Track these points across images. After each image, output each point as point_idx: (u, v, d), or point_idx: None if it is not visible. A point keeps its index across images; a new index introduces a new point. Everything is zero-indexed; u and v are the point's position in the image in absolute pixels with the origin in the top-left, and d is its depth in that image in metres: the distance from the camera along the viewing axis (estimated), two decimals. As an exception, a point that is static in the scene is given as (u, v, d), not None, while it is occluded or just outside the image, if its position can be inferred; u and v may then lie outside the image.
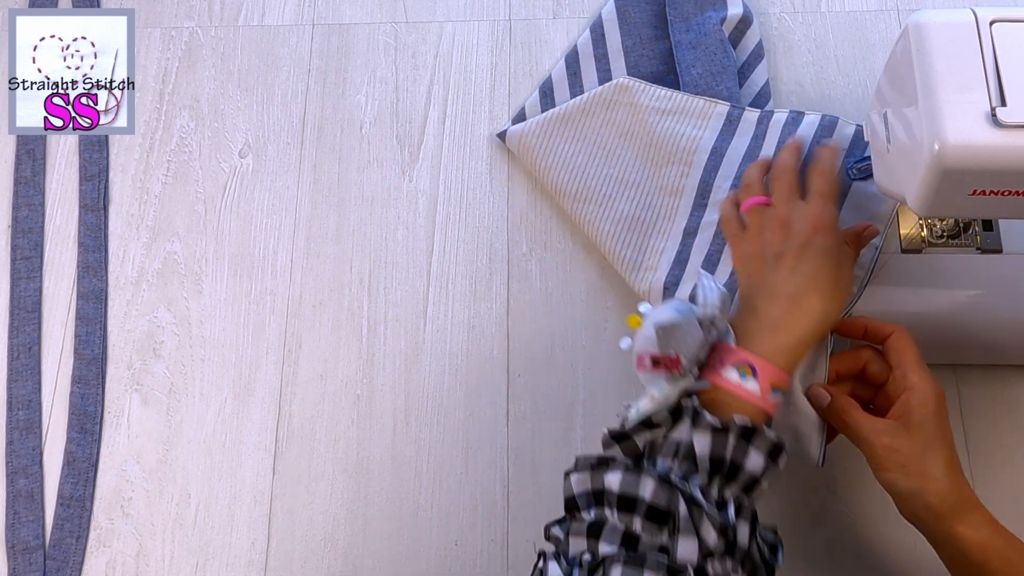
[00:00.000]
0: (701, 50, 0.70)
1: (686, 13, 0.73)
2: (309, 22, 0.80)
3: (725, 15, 0.72)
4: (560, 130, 0.71)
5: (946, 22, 0.46)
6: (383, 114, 0.76)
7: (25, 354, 0.70)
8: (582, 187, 0.69)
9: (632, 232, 0.67)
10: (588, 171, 0.69)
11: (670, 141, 0.67)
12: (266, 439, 0.67)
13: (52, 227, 0.74)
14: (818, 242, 0.52)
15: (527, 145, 0.71)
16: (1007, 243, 0.61)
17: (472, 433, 0.66)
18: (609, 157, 0.69)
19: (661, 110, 0.68)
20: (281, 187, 0.74)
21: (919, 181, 0.46)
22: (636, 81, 0.69)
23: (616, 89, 0.70)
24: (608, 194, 0.68)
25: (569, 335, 0.68)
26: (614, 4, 0.75)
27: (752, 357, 0.50)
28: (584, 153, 0.70)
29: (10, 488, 0.66)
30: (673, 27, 0.72)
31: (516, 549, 0.63)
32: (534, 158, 0.71)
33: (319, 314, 0.70)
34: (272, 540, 0.64)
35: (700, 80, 0.69)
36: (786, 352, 0.50)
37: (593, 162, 0.69)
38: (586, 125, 0.70)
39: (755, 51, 0.73)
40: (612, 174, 0.69)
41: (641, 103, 0.68)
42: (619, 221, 0.67)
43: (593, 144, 0.70)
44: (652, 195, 0.67)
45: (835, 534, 0.61)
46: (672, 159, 0.67)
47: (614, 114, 0.70)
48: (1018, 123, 0.44)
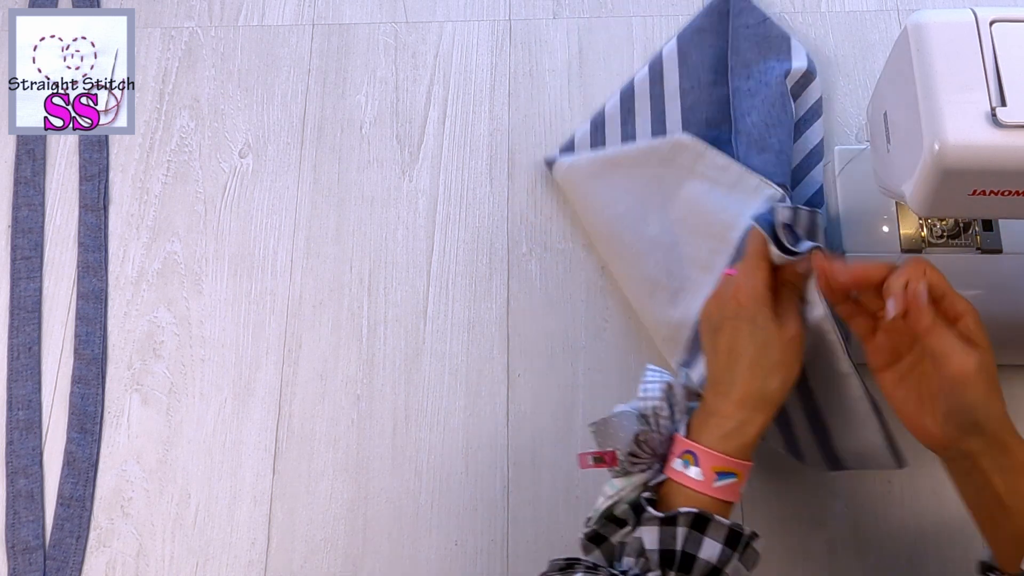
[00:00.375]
0: (759, 99, 0.68)
1: (748, 60, 0.71)
2: (309, 22, 0.80)
3: (789, 68, 0.70)
4: (607, 173, 0.69)
5: (946, 22, 0.46)
6: (383, 114, 0.76)
7: (25, 354, 0.70)
8: (614, 238, 0.67)
9: (653, 298, 0.65)
10: (624, 223, 0.67)
11: (712, 212, 0.64)
12: (266, 439, 0.67)
13: (52, 227, 0.74)
14: (742, 315, 0.51)
15: (572, 181, 0.70)
16: (1007, 243, 0.61)
17: (472, 433, 0.66)
18: (648, 214, 0.67)
19: (713, 180, 0.65)
20: (281, 187, 0.74)
21: (919, 181, 0.46)
22: (696, 141, 0.66)
23: (673, 147, 0.67)
24: (639, 251, 0.66)
25: (569, 335, 0.68)
26: (676, 44, 0.74)
27: (693, 445, 0.49)
28: (624, 204, 0.67)
29: (10, 488, 0.66)
30: (733, 73, 0.71)
31: (516, 549, 0.63)
32: (576, 195, 0.70)
33: (319, 314, 0.70)
34: (272, 540, 0.64)
35: (753, 129, 0.67)
36: (729, 437, 0.49)
37: (631, 215, 0.67)
38: (634, 175, 0.68)
39: (814, 107, 0.72)
40: (647, 232, 0.66)
41: (696, 168, 0.66)
42: (643, 281, 0.65)
43: (636, 197, 0.67)
44: (682, 264, 0.64)
45: (835, 534, 0.61)
46: (710, 232, 0.63)
47: (665, 171, 0.67)
48: (1018, 123, 0.44)
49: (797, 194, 0.69)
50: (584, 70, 0.77)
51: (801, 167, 0.70)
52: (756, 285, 0.52)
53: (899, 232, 0.62)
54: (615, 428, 0.50)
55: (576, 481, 0.64)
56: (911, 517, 0.62)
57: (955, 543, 0.61)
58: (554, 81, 0.76)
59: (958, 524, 0.61)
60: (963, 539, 0.61)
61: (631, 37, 0.77)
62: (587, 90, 0.76)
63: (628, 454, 0.49)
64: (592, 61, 0.77)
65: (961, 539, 0.61)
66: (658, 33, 0.77)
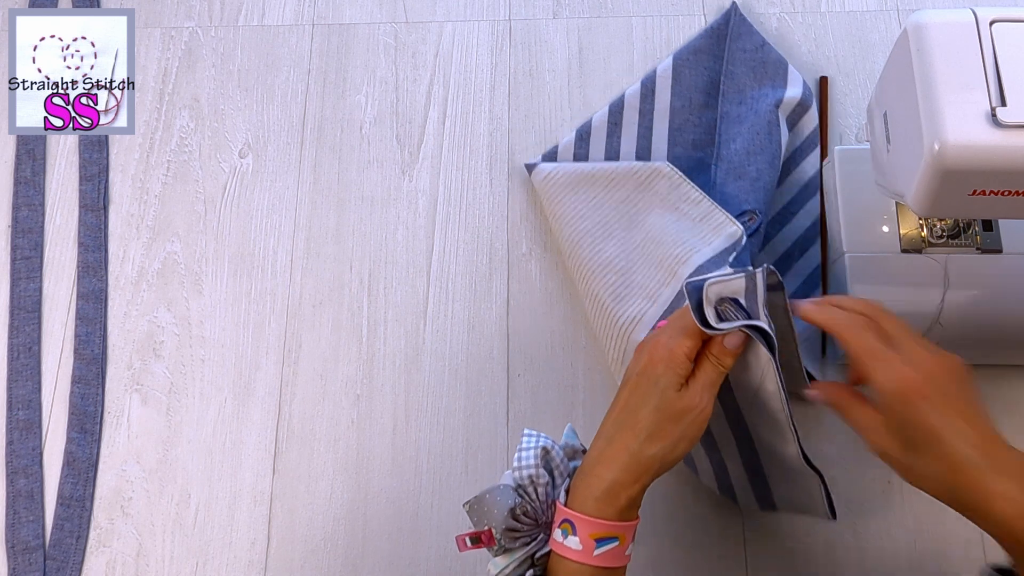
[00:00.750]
0: (746, 126, 0.68)
1: (742, 85, 0.71)
2: (309, 22, 0.80)
3: (783, 96, 0.69)
4: (582, 187, 0.69)
5: (946, 22, 0.46)
6: (383, 114, 0.76)
7: (25, 354, 0.70)
8: (574, 252, 0.67)
9: (599, 318, 0.65)
10: (586, 239, 0.67)
11: (669, 244, 0.63)
12: (266, 439, 0.67)
13: (52, 227, 0.74)
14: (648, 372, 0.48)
15: (547, 189, 0.70)
16: (1007, 243, 0.61)
17: (472, 433, 0.66)
18: (610, 234, 0.66)
19: (681, 212, 0.65)
20: (281, 187, 0.74)
21: (919, 181, 0.46)
22: (674, 171, 0.66)
23: (652, 173, 0.67)
24: (593, 270, 0.65)
25: (569, 335, 0.68)
26: (671, 62, 0.73)
27: (569, 512, 0.46)
28: (590, 220, 0.67)
29: (10, 488, 0.66)
30: (725, 97, 0.71)
31: (516, 549, 0.63)
32: (549, 203, 0.70)
33: (319, 314, 0.70)
34: (272, 540, 0.64)
35: (735, 157, 0.67)
36: (603, 499, 0.46)
37: (593, 232, 0.67)
38: (607, 194, 0.68)
39: (810, 137, 0.71)
40: (604, 252, 0.66)
41: (668, 198, 0.66)
42: (593, 300, 0.65)
43: (602, 215, 0.67)
44: (630, 290, 0.64)
45: (835, 534, 0.61)
46: (662, 263, 0.63)
47: (637, 195, 0.67)
48: (1018, 123, 0.44)
49: (790, 228, 0.69)
50: (584, 70, 0.77)
51: (795, 200, 0.69)
52: (673, 347, 0.48)
53: (899, 232, 0.62)
54: (489, 505, 0.47)
55: (576, 481, 0.64)
56: (911, 517, 0.62)
57: (955, 543, 0.61)
58: (554, 81, 0.76)
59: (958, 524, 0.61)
60: (963, 539, 0.61)
61: (631, 37, 0.77)
62: (587, 90, 0.76)
63: (505, 529, 0.47)
64: (592, 61, 0.77)
65: (961, 539, 0.61)
66: (658, 33, 0.77)
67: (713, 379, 0.48)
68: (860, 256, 0.62)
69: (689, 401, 0.47)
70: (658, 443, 0.47)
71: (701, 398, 0.48)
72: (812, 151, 0.71)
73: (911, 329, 0.47)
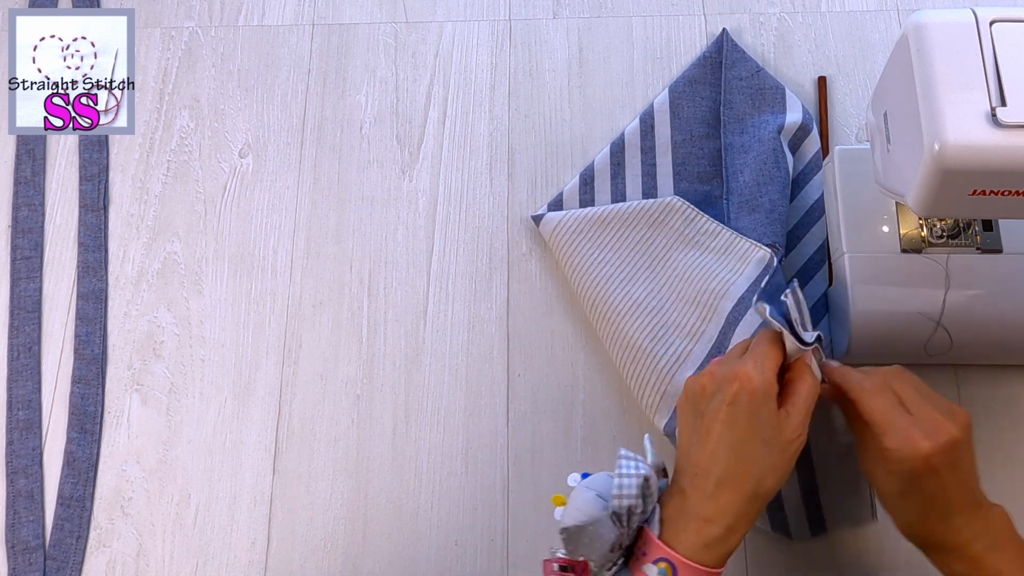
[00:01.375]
0: (752, 156, 0.67)
1: (741, 114, 0.70)
2: (309, 22, 0.80)
3: (783, 122, 0.69)
4: (595, 233, 0.67)
5: (946, 22, 0.46)
6: (383, 114, 0.76)
7: (25, 354, 0.70)
8: (600, 299, 0.65)
9: (637, 363, 0.63)
10: (610, 284, 0.65)
11: (701, 279, 0.63)
12: (266, 439, 0.67)
13: (52, 227, 0.74)
14: (742, 401, 0.46)
15: (559, 239, 0.68)
16: (1007, 243, 0.61)
17: (472, 433, 0.66)
18: (635, 276, 0.65)
19: (702, 245, 0.64)
20: (281, 187, 0.74)
21: (919, 181, 0.46)
22: (686, 205, 0.66)
23: (664, 209, 0.66)
24: (624, 314, 0.64)
25: (569, 335, 0.68)
26: (667, 96, 0.72)
27: (672, 554, 0.44)
28: (611, 264, 0.66)
29: (10, 488, 0.66)
30: (726, 128, 0.70)
31: (516, 549, 0.63)
32: (562, 253, 0.68)
33: (319, 314, 0.70)
34: (272, 540, 0.64)
35: (745, 188, 0.66)
36: (712, 546, 0.45)
37: (618, 276, 0.65)
38: (623, 236, 0.67)
39: (812, 160, 0.70)
40: (632, 295, 0.64)
41: (685, 233, 0.65)
42: (627, 348, 0.63)
43: (623, 258, 0.66)
44: (668, 331, 0.63)
45: (835, 535, 0.61)
46: (698, 300, 0.63)
47: (654, 234, 0.66)
48: (1018, 123, 0.44)
49: (797, 252, 0.67)
50: (584, 70, 0.77)
51: (801, 224, 0.68)
52: (767, 374, 0.46)
53: (899, 232, 0.62)
54: (591, 537, 0.45)
55: (576, 481, 0.64)
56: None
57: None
58: (554, 81, 0.76)
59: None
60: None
61: (631, 37, 0.77)
62: (587, 90, 0.76)
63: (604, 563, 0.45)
64: (592, 61, 0.77)
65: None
66: (658, 33, 0.77)
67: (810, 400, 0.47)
68: (860, 256, 0.62)
69: (793, 429, 0.46)
70: (771, 479, 0.46)
71: (802, 422, 0.47)
72: (815, 174, 0.70)
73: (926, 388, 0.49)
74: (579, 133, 0.74)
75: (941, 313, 0.60)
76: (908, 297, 0.60)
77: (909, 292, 0.60)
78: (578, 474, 0.49)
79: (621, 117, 0.74)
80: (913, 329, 0.60)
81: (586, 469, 0.64)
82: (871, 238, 0.63)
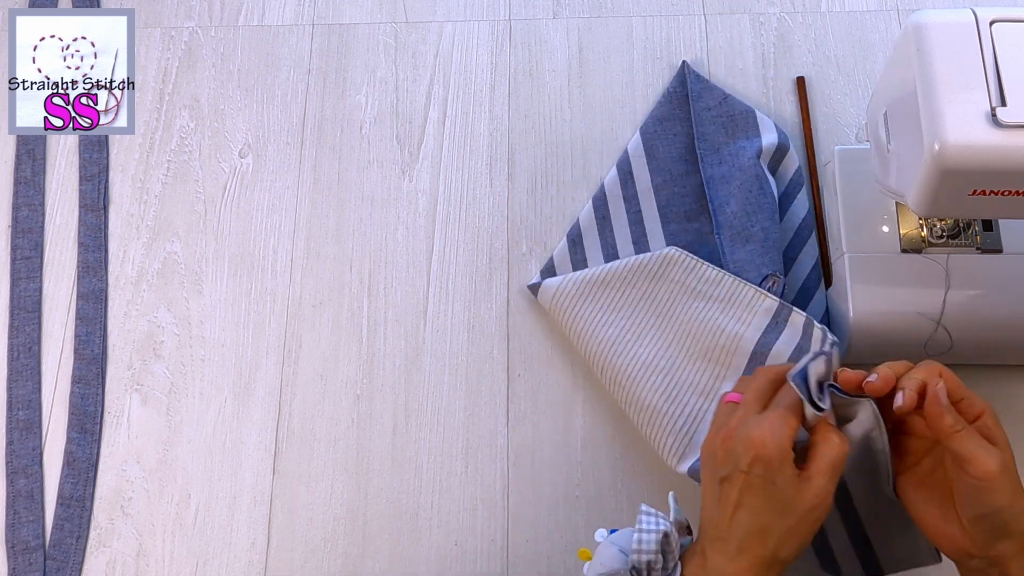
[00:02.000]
0: (735, 185, 0.66)
1: (717, 144, 0.69)
2: (309, 22, 0.80)
3: (760, 146, 0.68)
4: (596, 295, 0.66)
5: (946, 22, 0.47)
6: (383, 114, 0.76)
7: (25, 354, 0.70)
8: (608, 363, 0.64)
9: (653, 425, 0.62)
10: (617, 347, 0.64)
11: (710, 334, 0.62)
12: (266, 439, 0.67)
13: (52, 227, 0.74)
14: (757, 470, 0.45)
15: (559, 306, 0.67)
16: (1007, 243, 0.61)
17: (472, 433, 0.66)
18: (642, 336, 0.64)
19: (706, 295, 0.63)
20: (281, 187, 0.74)
21: (919, 181, 0.46)
22: (685, 255, 0.64)
23: (662, 261, 0.65)
24: (634, 378, 0.63)
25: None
26: (640, 139, 0.72)
27: None
28: (616, 326, 0.65)
29: (10, 488, 0.66)
30: (704, 161, 0.69)
31: (516, 549, 0.63)
32: (565, 320, 0.67)
33: (319, 314, 0.70)
34: (272, 540, 0.64)
35: (734, 220, 0.65)
36: None
37: (624, 338, 0.64)
38: (624, 295, 0.65)
39: (794, 178, 0.69)
40: (641, 356, 0.63)
41: (687, 283, 0.64)
42: (642, 409, 0.62)
43: (627, 318, 0.65)
44: (681, 390, 0.62)
45: None
46: (709, 356, 0.62)
47: (656, 289, 0.65)
48: (1018, 123, 0.44)
49: (793, 274, 0.67)
50: (584, 70, 0.77)
51: (793, 244, 0.68)
52: (783, 442, 0.45)
53: (899, 232, 0.62)
54: None
55: (576, 481, 0.64)
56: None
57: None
58: (554, 81, 0.76)
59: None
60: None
61: (631, 37, 0.77)
62: (587, 90, 0.76)
63: None
64: (592, 61, 0.77)
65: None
66: (658, 33, 0.77)
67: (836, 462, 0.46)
68: (860, 256, 0.62)
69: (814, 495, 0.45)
70: (792, 544, 0.45)
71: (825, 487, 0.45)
72: (799, 192, 0.69)
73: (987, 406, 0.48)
74: (579, 133, 0.74)
75: (941, 313, 0.60)
76: (908, 297, 0.60)
77: (909, 292, 0.60)
78: (605, 530, 0.50)
79: (621, 117, 0.74)
80: (913, 329, 0.60)
81: (584, 472, 0.64)
82: (871, 238, 0.63)
